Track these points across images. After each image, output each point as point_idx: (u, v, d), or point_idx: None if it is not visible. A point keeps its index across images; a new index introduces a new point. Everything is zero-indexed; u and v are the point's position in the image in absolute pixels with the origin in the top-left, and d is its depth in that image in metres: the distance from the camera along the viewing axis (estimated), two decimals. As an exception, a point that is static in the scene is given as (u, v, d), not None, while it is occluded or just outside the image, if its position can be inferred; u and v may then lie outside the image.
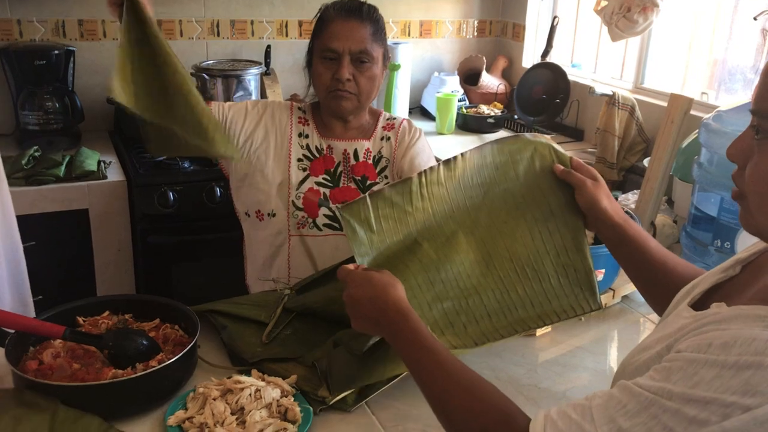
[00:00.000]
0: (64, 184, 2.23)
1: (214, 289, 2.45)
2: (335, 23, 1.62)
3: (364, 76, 1.64)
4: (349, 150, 1.72)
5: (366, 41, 1.62)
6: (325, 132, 1.73)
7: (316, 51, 1.65)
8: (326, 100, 1.66)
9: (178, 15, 2.83)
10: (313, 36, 1.68)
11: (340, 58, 1.61)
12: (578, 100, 2.94)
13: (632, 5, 2.48)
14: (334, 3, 1.67)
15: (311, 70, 1.69)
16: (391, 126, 1.78)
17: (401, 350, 1.00)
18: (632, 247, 1.16)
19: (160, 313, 1.37)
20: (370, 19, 1.65)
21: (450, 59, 3.39)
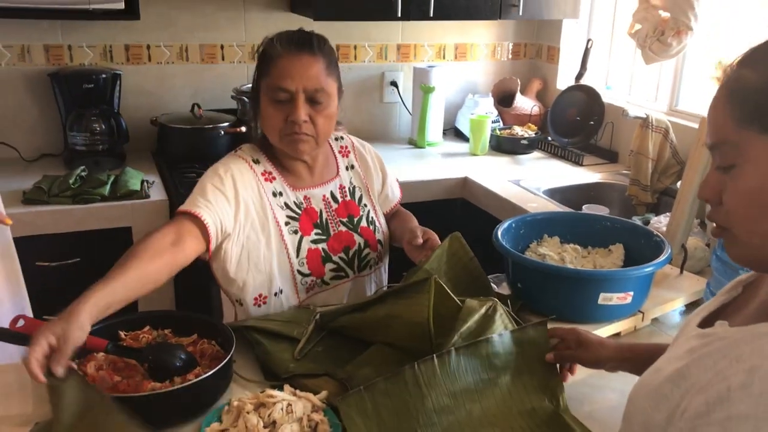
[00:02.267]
0: (108, 203, 2.32)
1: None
2: (284, 59, 1.48)
3: (321, 115, 1.51)
4: (327, 194, 1.66)
5: (320, 77, 1.49)
6: (296, 183, 1.62)
7: (264, 90, 1.51)
8: (281, 144, 1.54)
9: (219, 40, 2.92)
10: (259, 74, 1.54)
11: (293, 99, 1.48)
12: (612, 123, 2.94)
13: (666, 28, 2.49)
14: (278, 36, 1.53)
15: (257, 110, 1.56)
16: (346, 151, 1.73)
17: None
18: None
19: (198, 328, 1.42)
20: (321, 51, 1.52)
21: (484, 81, 3.42)
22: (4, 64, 2.65)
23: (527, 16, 2.93)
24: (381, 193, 1.79)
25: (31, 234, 2.16)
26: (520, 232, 1.71)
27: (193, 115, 2.74)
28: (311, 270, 1.61)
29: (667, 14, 2.51)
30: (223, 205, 1.51)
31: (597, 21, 3.19)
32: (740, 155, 0.80)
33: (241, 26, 2.95)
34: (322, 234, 1.64)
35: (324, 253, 1.63)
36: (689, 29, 2.45)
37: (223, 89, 2.93)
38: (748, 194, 0.80)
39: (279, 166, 1.62)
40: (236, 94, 2.81)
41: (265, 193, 1.58)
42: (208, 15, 2.88)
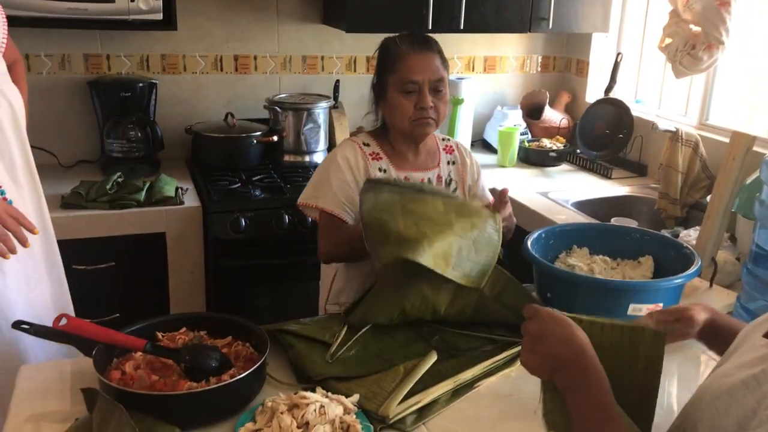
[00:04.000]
0: (143, 209, 2.37)
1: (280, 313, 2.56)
2: (411, 57, 1.75)
3: (441, 101, 1.79)
4: (425, 179, 1.87)
5: (440, 70, 1.77)
6: (400, 163, 1.85)
7: (394, 85, 1.76)
8: (410, 129, 1.79)
9: (253, 51, 2.98)
10: (385, 71, 1.79)
11: (420, 89, 1.74)
12: (642, 136, 2.94)
13: (697, 43, 2.50)
14: (400, 38, 1.80)
15: (385, 103, 1.81)
16: (450, 149, 1.95)
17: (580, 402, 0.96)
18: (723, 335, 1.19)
19: (233, 331, 1.45)
20: (437, 49, 1.80)
21: (513, 93, 3.44)
22: (45, 72, 2.73)
23: (557, 29, 2.95)
24: (472, 190, 1.97)
25: (68, 238, 2.22)
26: (550, 243, 1.72)
27: (227, 124, 2.80)
28: None
29: (698, 28, 2.51)
30: (353, 196, 1.77)
31: (627, 34, 3.20)
32: None
33: (275, 38, 3.00)
34: None
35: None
36: (720, 44, 2.45)
37: (256, 99, 2.99)
38: None
39: (388, 149, 1.85)
40: (269, 104, 2.86)
41: (372, 169, 1.82)
42: (242, 27, 2.94)
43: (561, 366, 0.98)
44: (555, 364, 0.98)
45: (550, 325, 1.00)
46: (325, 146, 2.93)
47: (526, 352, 1.01)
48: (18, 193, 1.65)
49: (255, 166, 2.79)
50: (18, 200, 1.63)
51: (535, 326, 1.01)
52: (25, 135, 1.70)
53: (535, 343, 1.00)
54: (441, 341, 1.54)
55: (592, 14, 3.00)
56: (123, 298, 2.44)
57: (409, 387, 1.32)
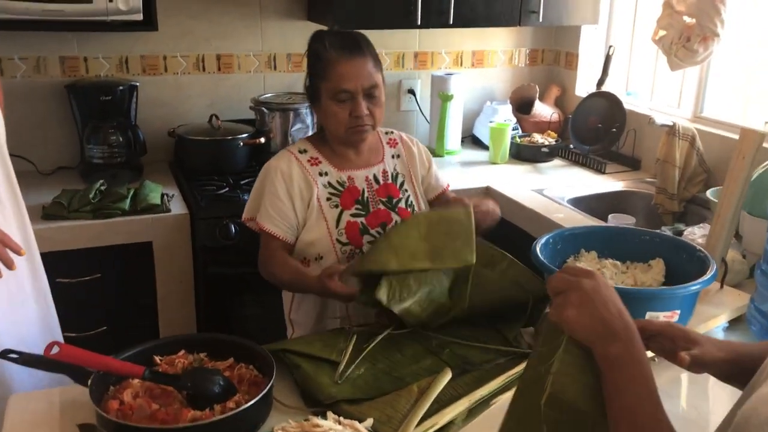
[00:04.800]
0: (129, 218, 2.28)
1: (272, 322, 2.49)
2: (341, 64, 1.67)
3: (377, 106, 1.72)
4: (370, 176, 1.81)
5: (372, 74, 1.69)
6: (341, 164, 1.79)
7: (326, 92, 1.69)
8: (346, 136, 1.73)
9: (235, 50, 2.89)
10: (317, 77, 1.72)
11: (354, 97, 1.67)
12: (635, 130, 2.90)
13: (692, 35, 2.46)
14: (329, 40, 1.71)
15: (319, 108, 1.75)
16: (394, 142, 1.89)
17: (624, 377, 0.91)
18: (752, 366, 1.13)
19: (234, 352, 1.38)
20: (368, 50, 1.72)
21: (502, 88, 3.39)
22: (20, 76, 2.62)
23: (547, 22, 2.89)
24: (425, 181, 1.91)
25: (51, 250, 2.12)
26: (558, 248, 1.67)
27: (211, 126, 2.71)
28: (349, 239, 1.74)
29: (693, 20, 2.47)
30: (285, 211, 1.73)
31: (616, 27, 3.16)
32: None
33: (258, 35, 2.91)
34: (362, 210, 1.77)
35: (362, 226, 1.76)
36: (716, 35, 2.41)
37: (240, 99, 2.90)
38: None
39: (328, 152, 1.79)
40: (255, 104, 2.77)
41: (311, 175, 1.75)
42: (224, 24, 2.84)
43: (611, 334, 0.92)
44: (605, 330, 0.93)
45: (606, 290, 0.96)
46: (314, 147, 2.84)
47: (572, 307, 0.94)
48: (0, 211, 1.55)
49: (241, 169, 2.71)
50: (0, 219, 1.54)
51: (591, 285, 0.95)
52: (5, 147, 1.61)
53: (585, 301, 0.94)
54: (452, 355, 1.48)
55: (582, 6, 2.95)
56: (110, 311, 2.35)
57: (425, 409, 1.26)
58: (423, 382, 1.34)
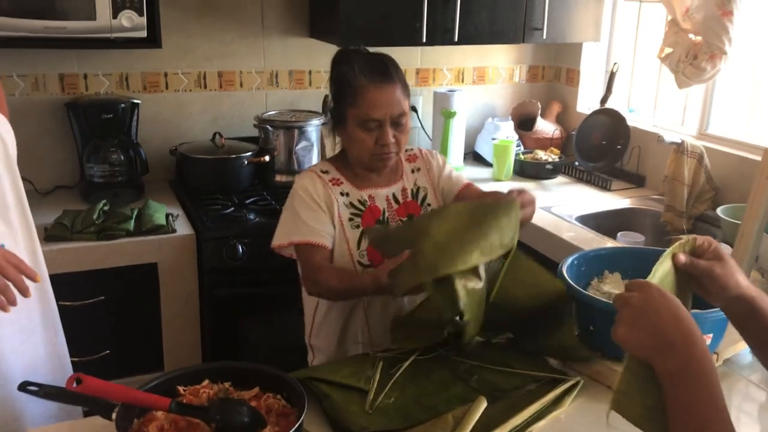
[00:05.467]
0: (134, 239, 2.23)
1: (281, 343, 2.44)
2: (370, 91, 1.63)
3: (403, 133, 1.70)
4: (390, 195, 1.78)
5: (401, 102, 1.67)
6: (361, 183, 1.76)
7: (353, 117, 1.65)
8: (370, 162, 1.71)
9: (238, 67, 2.86)
10: (344, 102, 1.67)
11: (381, 125, 1.65)
12: (639, 147, 2.90)
13: (699, 53, 2.46)
14: (358, 66, 1.66)
15: (344, 132, 1.71)
16: (413, 157, 1.86)
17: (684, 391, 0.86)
18: (764, 320, 1.11)
19: (260, 381, 1.34)
20: (398, 77, 1.68)
21: (503, 104, 3.38)
22: (18, 94, 2.57)
23: (550, 39, 2.89)
24: (443, 184, 1.86)
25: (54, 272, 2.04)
26: (581, 269, 1.64)
27: (214, 144, 2.66)
28: (371, 260, 1.71)
29: (699, 38, 2.47)
30: (321, 218, 1.70)
31: (617, 44, 3.16)
32: None
33: (260, 53, 2.88)
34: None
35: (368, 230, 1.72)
36: (723, 53, 2.41)
37: (242, 117, 2.86)
38: None
39: (349, 173, 1.76)
40: (259, 122, 2.74)
41: (333, 194, 1.73)
42: (226, 42, 2.81)
43: (667, 345, 0.89)
44: (660, 342, 0.89)
45: (658, 300, 0.92)
46: (318, 165, 2.81)
47: (626, 326, 0.92)
48: (11, 235, 1.50)
49: (245, 187, 2.67)
50: (11, 243, 1.49)
51: (640, 298, 0.93)
52: (17, 169, 1.56)
53: (639, 316, 0.91)
54: (481, 381, 1.44)
55: (585, 23, 2.96)
56: (113, 334, 2.29)
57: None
58: (458, 411, 1.30)
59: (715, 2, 2.38)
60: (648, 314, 0.91)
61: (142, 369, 2.26)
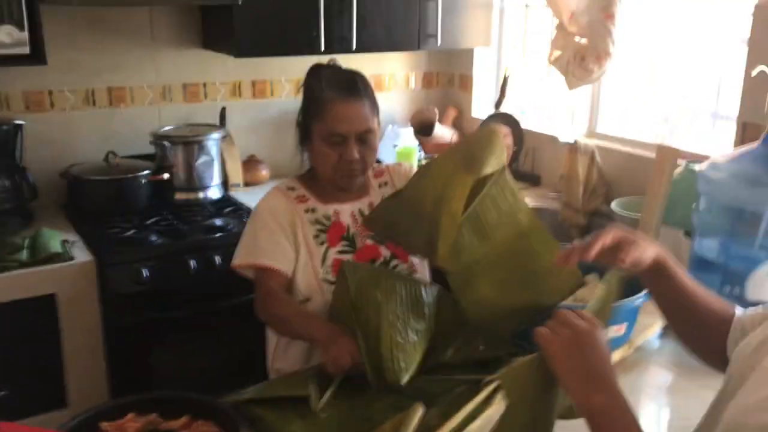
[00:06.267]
0: (28, 270, 2.08)
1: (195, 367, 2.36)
2: (336, 106, 1.60)
3: (369, 150, 1.65)
4: (355, 211, 1.73)
5: (368, 119, 1.63)
6: (327, 198, 1.72)
7: (318, 132, 1.62)
8: (335, 179, 1.67)
9: (128, 82, 2.74)
10: (309, 115, 1.64)
11: (346, 141, 1.61)
12: (533, 148, 3.01)
13: (586, 55, 2.58)
14: (326, 79, 1.63)
15: (310, 147, 1.68)
16: (380, 172, 1.82)
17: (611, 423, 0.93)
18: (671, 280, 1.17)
19: (188, 409, 1.28)
20: (366, 92, 1.65)
21: (401, 111, 3.42)
22: None
23: (445, 45, 2.96)
24: None
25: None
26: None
27: (108, 164, 2.54)
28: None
29: (585, 40, 2.60)
30: (282, 242, 1.64)
31: (508, 48, 3.27)
32: None
33: (151, 66, 2.77)
34: (349, 246, 1.69)
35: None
36: (608, 54, 2.55)
37: (136, 134, 2.74)
38: None
39: (317, 189, 1.72)
40: (155, 138, 2.63)
41: (297, 212, 1.68)
42: (115, 56, 2.69)
43: (594, 381, 0.95)
44: (586, 376, 0.95)
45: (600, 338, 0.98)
46: (220, 180, 2.74)
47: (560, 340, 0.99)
48: None
49: (146, 207, 2.56)
50: None
51: (586, 328, 0.99)
52: None
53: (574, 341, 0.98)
54: (412, 389, 1.44)
55: (475, 29, 3.05)
56: (10, 373, 2.12)
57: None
58: (395, 420, 1.29)
59: (599, 6, 2.51)
60: (585, 345, 0.97)
61: (44, 408, 2.12)
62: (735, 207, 1.60)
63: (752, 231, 1.57)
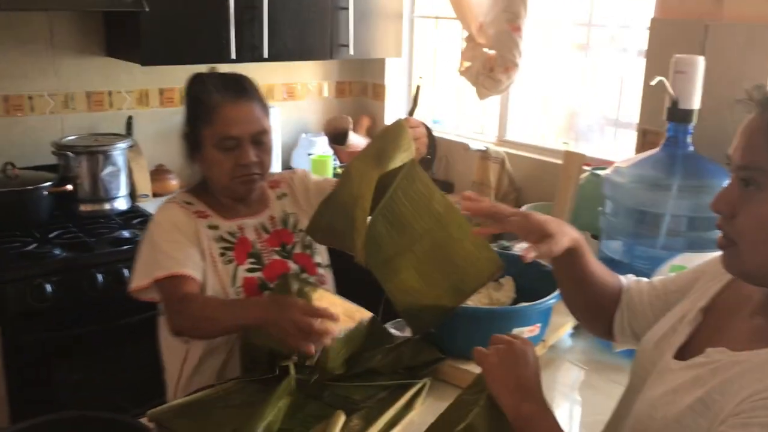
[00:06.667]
0: None
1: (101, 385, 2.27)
2: (226, 108, 1.54)
3: (265, 153, 1.60)
4: (258, 225, 1.67)
5: (261, 119, 1.59)
6: (229, 214, 1.64)
7: (209, 139, 1.54)
8: (232, 186, 1.59)
9: (27, 90, 2.61)
10: (198, 122, 1.56)
11: (240, 144, 1.54)
12: (446, 156, 3.07)
13: (494, 65, 2.65)
14: (212, 82, 1.57)
15: (201, 157, 1.58)
16: (276, 183, 1.77)
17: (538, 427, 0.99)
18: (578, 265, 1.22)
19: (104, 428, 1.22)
20: (255, 94, 1.61)
21: (315, 120, 3.41)
22: None
23: (357, 55, 2.98)
24: (316, 193, 1.75)
25: None
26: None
27: (6, 175, 2.40)
28: (249, 296, 1.58)
29: (493, 51, 2.67)
30: (188, 249, 1.54)
31: (419, 59, 3.32)
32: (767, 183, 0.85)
33: (51, 74, 2.66)
34: (256, 263, 1.62)
35: (260, 282, 1.61)
36: (516, 65, 2.62)
37: (36, 144, 2.62)
38: (763, 219, 0.85)
39: (215, 203, 1.63)
40: (57, 149, 2.51)
41: (199, 227, 1.59)
42: (9, 63, 2.56)
43: (524, 392, 1.01)
44: (516, 386, 1.01)
45: (532, 356, 1.05)
46: (127, 190, 2.65)
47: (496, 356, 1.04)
48: None
49: (48, 220, 2.44)
50: None
51: (520, 346, 1.05)
52: None
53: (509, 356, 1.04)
54: (333, 396, 1.43)
55: (387, 40, 3.08)
56: None
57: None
58: (317, 429, 1.28)
59: (505, 18, 2.59)
60: (518, 359, 1.04)
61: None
62: (638, 209, 1.67)
63: (654, 232, 1.65)
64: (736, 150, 0.89)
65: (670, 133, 1.69)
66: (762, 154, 0.85)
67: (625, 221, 1.69)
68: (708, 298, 1.04)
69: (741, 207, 0.88)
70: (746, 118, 0.89)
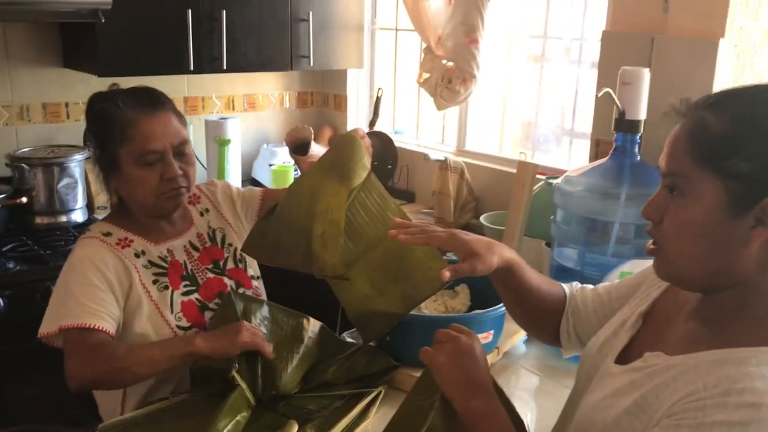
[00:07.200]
0: None
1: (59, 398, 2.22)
2: (142, 122, 1.46)
3: (189, 165, 1.54)
4: (186, 244, 1.62)
5: (180, 130, 1.52)
6: (155, 236, 1.57)
7: (128, 157, 1.46)
8: (159, 204, 1.51)
9: (-20, 100, 2.57)
10: (112, 141, 1.47)
11: (163, 158, 1.47)
12: (407, 165, 3.09)
13: (453, 77, 2.69)
14: (122, 100, 1.48)
15: (120, 178, 1.50)
16: (196, 198, 1.70)
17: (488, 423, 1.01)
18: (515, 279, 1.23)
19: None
20: (170, 105, 1.54)
21: (276, 130, 3.41)
22: None
23: (317, 66, 2.99)
24: (242, 205, 1.74)
25: None
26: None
27: (-42, 188, 2.37)
28: (191, 322, 1.53)
29: (451, 63, 2.71)
30: (105, 298, 1.45)
31: (380, 70, 3.35)
32: (689, 188, 0.88)
33: (7, 85, 2.62)
34: (191, 285, 1.58)
35: (199, 303, 1.57)
36: (473, 77, 2.67)
37: (-10, 156, 2.58)
38: (687, 224, 0.89)
39: (137, 228, 1.56)
40: (11, 161, 2.48)
41: (126, 259, 1.51)
42: (-37, 73, 2.52)
43: (474, 387, 1.03)
44: (467, 382, 1.03)
45: (479, 350, 1.06)
46: (84, 202, 2.62)
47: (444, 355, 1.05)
48: None
49: (0, 234, 2.40)
50: None
51: (466, 342, 1.06)
52: None
53: (457, 353, 1.04)
54: (287, 407, 1.44)
55: (348, 52, 3.10)
56: None
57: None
58: (271, 439, 1.29)
59: (463, 31, 2.63)
60: (465, 355, 1.05)
61: None
62: (588, 218, 1.71)
63: (604, 239, 1.69)
64: (663, 158, 0.92)
65: (618, 143, 1.73)
66: (683, 161, 0.89)
67: (575, 229, 1.72)
68: (648, 303, 1.07)
69: (666, 212, 0.91)
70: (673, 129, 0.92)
